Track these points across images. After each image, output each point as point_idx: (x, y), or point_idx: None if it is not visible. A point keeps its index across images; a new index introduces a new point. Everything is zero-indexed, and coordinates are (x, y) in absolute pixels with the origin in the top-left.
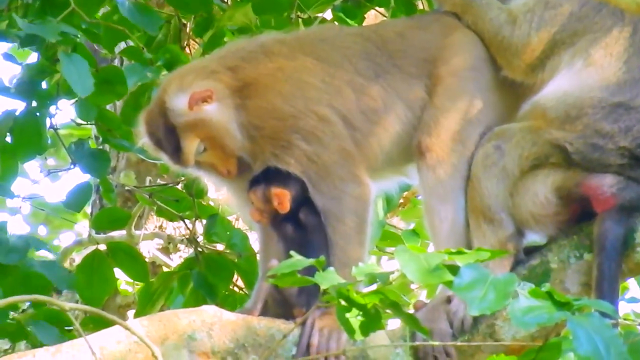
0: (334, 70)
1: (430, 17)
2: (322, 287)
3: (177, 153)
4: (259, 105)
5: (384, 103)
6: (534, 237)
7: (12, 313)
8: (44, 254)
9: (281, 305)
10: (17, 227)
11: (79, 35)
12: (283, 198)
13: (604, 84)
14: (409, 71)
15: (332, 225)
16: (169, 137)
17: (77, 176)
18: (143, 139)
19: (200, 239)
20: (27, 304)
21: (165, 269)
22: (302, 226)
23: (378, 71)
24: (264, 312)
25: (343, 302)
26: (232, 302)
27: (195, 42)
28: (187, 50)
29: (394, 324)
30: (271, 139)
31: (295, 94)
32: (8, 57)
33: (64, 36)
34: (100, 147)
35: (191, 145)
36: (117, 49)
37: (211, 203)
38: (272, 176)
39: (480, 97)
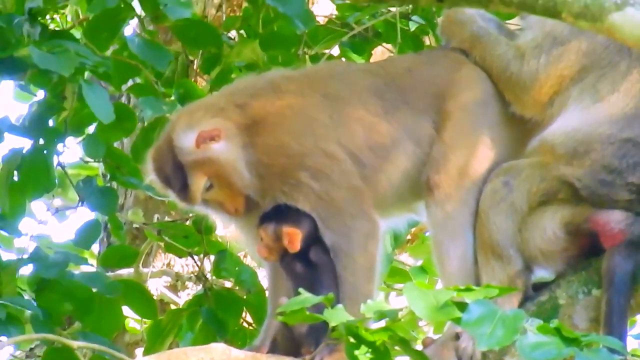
0: (342, 107)
1: (438, 52)
2: (331, 324)
3: (184, 191)
4: (267, 142)
5: (393, 139)
6: (542, 273)
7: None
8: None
9: (290, 342)
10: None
11: (98, 62)
12: (294, 237)
13: (612, 120)
14: (418, 107)
15: (341, 261)
16: (177, 174)
17: (84, 215)
18: (151, 176)
19: (209, 275)
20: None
21: (173, 307)
22: (311, 264)
23: (386, 107)
24: (273, 350)
25: (352, 339)
26: (242, 338)
27: (203, 78)
28: None
29: None
30: (280, 177)
31: (304, 132)
32: (23, 88)
33: (79, 68)
34: (108, 184)
35: (199, 183)
36: (124, 87)
37: (219, 239)
38: (284, 214)
39: (488, 133)
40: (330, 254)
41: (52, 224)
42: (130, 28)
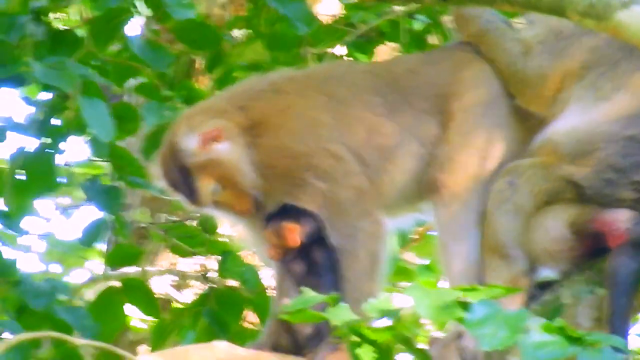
0: (345, 108)
1: (442, 52)
2: (334, 322)
3: (193, 194)
4: (270, 143)
5: (397, 140)
6: (546, 273)
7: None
8: None
9: (293, 344)
10: (32, 266)
11: (92, 75)
12: (293, 232)
13: (614, 118)
14: (422, 107)
15: (346, 261)
16: (184, 178)
17: (91, 213)
18: (160, 182)
19: (214, 274)
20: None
21: (177, 306)
22: (313, 265)
23: (390, 108)
24: (276, 348)
25: (355, 338)
26: (243, 338)
27: (206, 78)
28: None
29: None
30: (284, 177)
31: (307, 132)
32: (25, 100)
33: (80, 78)
34: (114, 184)
35: (206, 186)
36: (127, 85)
37: (224, 239)
38: (286, 211)
39: (493, 133)
40: (334, 256)
41: (59, 222)
42: (136, 28)
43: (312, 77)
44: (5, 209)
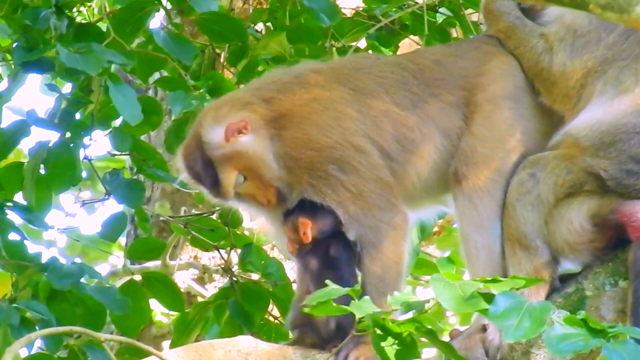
0: (370, 101)
1: (467, 44)
2: (358, 315)
3: (216, 186)
4: (294, 136)
5: (421, 132)
6: (569, 265)
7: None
8: None
9: (316, 339)
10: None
11: (124, 62)
12: (306, 227)
13: (636, 110)
14: (446, 99)
15: (369, 254)
16: (207, 170)
17: (112, 207)
18: (182, 174)
19: (235, 268)
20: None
21: (200, 299)
22: (329, 261)
23: (415, 100)
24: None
25: (379, 331)
26: (267, 332)
27: (230, 71)
28: None
29: (430, 352)
30: (308, 170)
31: (331, 125)
32: (50, 87)
33: (107, 65)
34: (135, 177)
35: (229, 178)
36: (151, 79)
37: (246, 232)
38: (303, 207)
39: (517, 126)
40: (351, 253)
41: (80, 216)
42: (156, 21)
43: (337, 70)
44: (26, 203)
